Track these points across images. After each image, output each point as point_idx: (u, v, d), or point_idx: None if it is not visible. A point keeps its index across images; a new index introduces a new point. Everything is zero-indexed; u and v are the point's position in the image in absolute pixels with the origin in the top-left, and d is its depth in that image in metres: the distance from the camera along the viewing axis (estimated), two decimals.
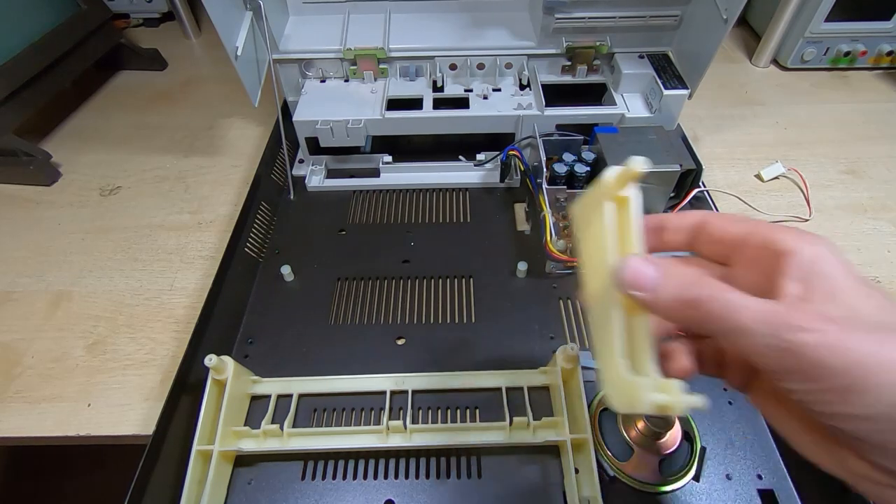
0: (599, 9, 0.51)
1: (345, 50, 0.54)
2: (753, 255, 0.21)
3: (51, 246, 0.53)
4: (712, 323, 0.18)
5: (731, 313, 0.17)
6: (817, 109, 0.68)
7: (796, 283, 0.18)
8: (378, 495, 0.36)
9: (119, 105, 0.72)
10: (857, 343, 0.16)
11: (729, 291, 0.18)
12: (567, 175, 0.49)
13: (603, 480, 0.36)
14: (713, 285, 0.18)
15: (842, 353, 0.16)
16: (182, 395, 0.38)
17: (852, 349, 0.16)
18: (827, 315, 0.17)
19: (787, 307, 0.17)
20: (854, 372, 0.16)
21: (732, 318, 0.17)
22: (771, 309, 0.17)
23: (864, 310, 0.18)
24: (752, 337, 0.17)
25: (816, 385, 0.16)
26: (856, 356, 0.16)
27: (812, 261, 0.19)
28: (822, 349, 0.16)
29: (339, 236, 0.53)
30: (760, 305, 0.17)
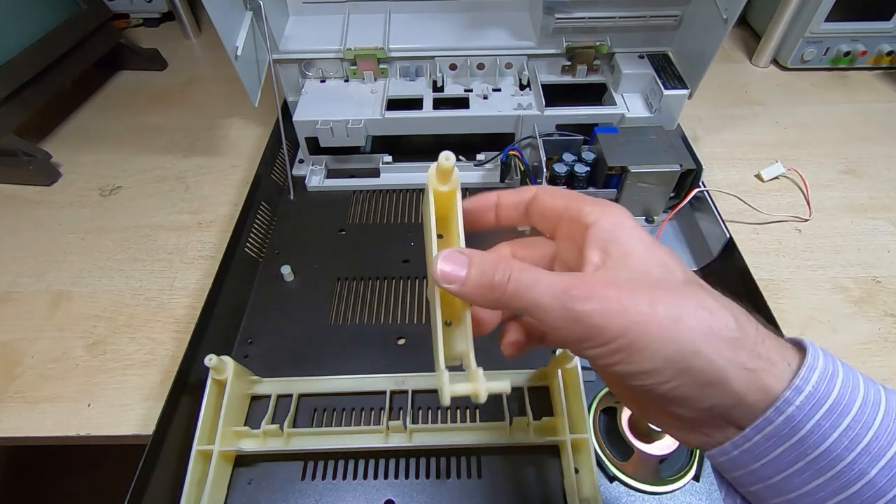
0: (599, 9, 0.51)
1: (345, 50, 0.54)
2: (568, 228, 0.22)
3: (51, 246, 0.53)
4: (513, 302, 0.19)
5: (526, 291, 0.18)
6: (817, 109, 0.68)
7: (597, 252, 0.20)
8: (378, 495, 0.36)
9: (119, 105, 0.72)
10: (634, 304, 0.17)
11: (524, 271, 0.19)
12: (567, 175, 0.49)
13: (603, 480, 0.36)
14: (509, 266, 0.19)
15: (620, 314, 0.17)
16: (182, 395, 0.38)
17: (630, 310, 0.17)
18: (611, 281, 0.18)
19: (574, 279, 0.19)
20: (631, 331, 0.17)
21: (528, 296, 0.18)
22: (559, 282, 0.18)
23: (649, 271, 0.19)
24: (547, 311, 0.18)
25: (604, 348, 0.18)
26: (633, 316, 0.17)
27: (610, 230, 0.20)
28: (603, 314, 0.17)
29: (339, 236, 0.53)
30: (551, 280, 0.18)
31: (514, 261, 0.20)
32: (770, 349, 0.18)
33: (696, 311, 0.18)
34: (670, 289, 0.18)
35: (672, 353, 0.17)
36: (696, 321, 0.17)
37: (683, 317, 0.17)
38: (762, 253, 0.50)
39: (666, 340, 0.17)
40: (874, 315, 0.45)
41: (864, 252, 0.50)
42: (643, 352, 0.17)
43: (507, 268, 0.19)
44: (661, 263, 0.19)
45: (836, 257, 0.50)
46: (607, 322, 0.17)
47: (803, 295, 0.47)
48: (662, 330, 0.17)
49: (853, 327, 0.44)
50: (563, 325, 0.18)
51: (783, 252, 0.50)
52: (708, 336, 0.17)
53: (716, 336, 0.17)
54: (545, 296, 0.18)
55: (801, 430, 0.17)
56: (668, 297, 0.18)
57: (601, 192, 0.50)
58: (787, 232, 0.52)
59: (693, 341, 0.17)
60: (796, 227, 0.53)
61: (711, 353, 0.17)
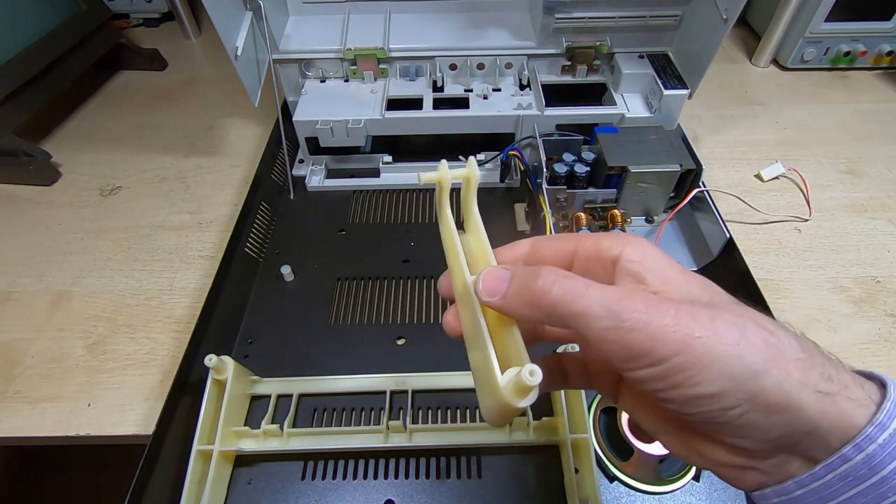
0: (599, 9, 0.51)
1: (345, 50, 0.54)
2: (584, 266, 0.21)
3: (51, 246, 0.53)
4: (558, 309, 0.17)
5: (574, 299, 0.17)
6: (817, 109, 0.68)
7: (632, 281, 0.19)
8: (378, 495, 0.36)
9: (119, 105, 0.72)
10: (693, 319, 0.16)
11: (570, 278, 0.18)
12: (567, 175, 0.49)
13: (603, 480, 0.36)
14: (554, 272, 0.18)
15: (679, 329, 0.16)
16: (182, 395, 0.38)
17: (689, 325, 0.16)
18: (663, 298, 0.17)
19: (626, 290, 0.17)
20: (693, 348, 0.15)
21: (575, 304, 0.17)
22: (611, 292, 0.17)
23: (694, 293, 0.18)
24: (595, 321, 0.17)
25: (659, 368, 0.16)
26: (693, 330, 0.16)
27: (639, 259, 0.19)
28: (661, 328, 0.16)
29: (339, 236, 0.53)
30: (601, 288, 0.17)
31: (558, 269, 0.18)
32: (839, 369, 0.16)
33: (758, 329, 0.16)
34: (725, 307, 0.17)
35: (739, 373, 0.15)
36: (761, 339, 0.16)
37: (747, 334, 0.16)
38: (762, 253, 0.50)
39: (731, 359, 0.15)
40: (874, 315, 0.45)
41: (864, 252, 0.50)
42: (705, 372, 0.15)
43: (551, 273, 0.18)
44: (703, 286, 0.18)
45: (836, 257, 0.50)
46: (665, 336, 0.16)
47: (803, 295, 0.47)
48: (728, 348, 0.15)
49: (853, 327, 0.44)
50: (613, 337, 0.16)
51: (783, 252, 0.50)
52: (775, 356, 0.16)
53: (782, 356, 0.16)
54: (594, 304, 0.17)
55: (881, 470, 0.15)
56: (726, 314, 0.16)
57: (601, 191, 0.50)
58: (787, 232, 0.52)
59: (761, 361, 0.15)
60: (796, 227, 0.53)
61: (781, 374, 0.15)
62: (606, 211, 0.50)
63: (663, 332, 0.16)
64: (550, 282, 0.17)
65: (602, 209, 0.51)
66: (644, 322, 0.16)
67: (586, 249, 0.21)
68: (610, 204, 0.50)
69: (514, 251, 0.22)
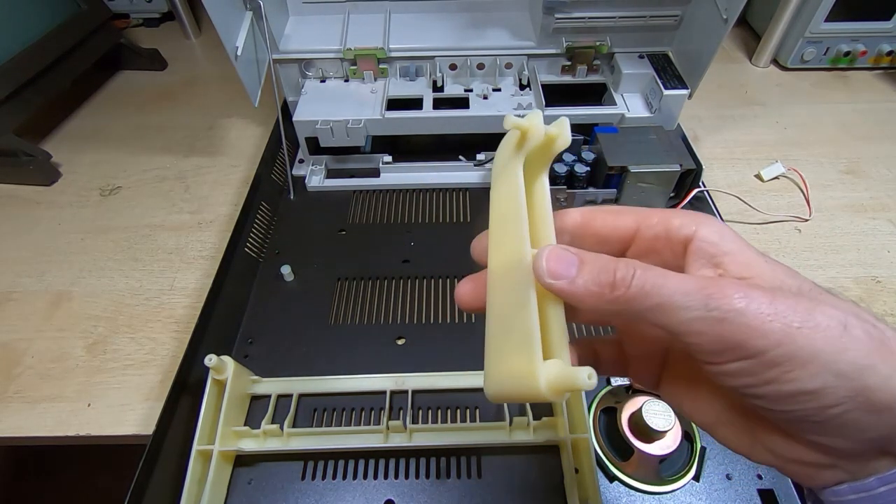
0: (599, 9, 0.51)
1: (345, 50, 0.54)
2: (649, 246, 0.19)
3: (51, 246, 0.53)
4: (636, 302, 0.16)
5: (655, 289, 0.15)
6: (817, 109, 0.68)
7: (708, 267, 0.17)
8: (378, 495, 0.36)
9: (119, 105, 0.72)
10: (791, 309, 0.14)
11: (649, 268, 0.16)
12: (567, 175, 0.49)
13: (603, 480, 0.36)
14: (631, 263, 0.16)
15: (778, 319, 0.14)
16: (182, 395, 0.38)
17: (788, 315, 0.14)
18: (753, 284, 0.16)
19: (711, 278, 0.16)
20: (795, 340, 0.14)
21: (658, 294, 0.15)
22: (696, 280, 0.15)
23: (783, 280, 0.16)
24: (684, 311, 0.15)
25: (754, 361, 0.15)
26: (794, 322, 0.14)
27: (716, 241, 0.17)
28: (758, 315, 0.14)
29: (339, 236, 0.53)
30: (683, 278, 0.16)
31: (636, 261, 0.17)
32: None
33: (859, 321, 0.15)
34: (819, 298, 0.15)
35: (845, 368, 0.14)
36: (863, 332, 0.14)
37: (850, 327, 0.14)
38: None
39: (836, 353, 0.14)
40: None
41: (864, 252, 0.50)
42: (808, 366, 0.14)
43: (629, 264, 0.16)
44: (789, 273, 0.17)
45: (836, 257, 0.50)
46: (762, 326, 0.14)
47: None
48: (831, 341, 0.14)
49: None
50: (703, 328, 0.15)
51: (783, 252, 0.50)
52: (880, 350, 0.14)
53: (888, 349, 0.14)
54: (677, 293, 0.15)
55: None
56: (823, 306, 0.15)
57: (601, 192, 0.50)
58: (787, 232, 0.52)
59: (867, 354, 0.14)
60: (796, 227, 0.53)
61: (888, 369, 0.14)
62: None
63: (760, 321, 0.14)
64: (630, 273, 0.16)
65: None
66: (738, 311, 0.14)
67: (651, 228, 0.19)
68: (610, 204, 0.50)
69: (561, 221, 0.20)
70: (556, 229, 0.20)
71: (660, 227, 0.19)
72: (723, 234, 0.18)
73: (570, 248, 0.17)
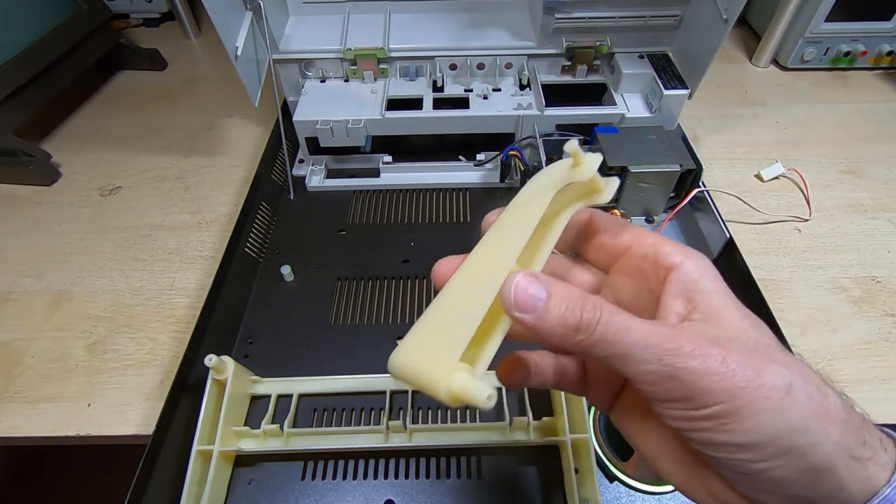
0: (599, 9, 0.51)
1: (345, 50, 0.54)
2: (637, 264, 0.20)
3: (51, 246, 0.53)
4: (597, 348, 0.16)
5: (617, 338, 0.16)
6: (817, 109, 0.68)
7: (680, 301, 0.18)
8: (378, 495, 0.36)
9: (119, 105, 0.72)
10: (741, 368, 0.15)
11: (615, 313, 0.16)
12: None
13: (603, 480, 0.36)
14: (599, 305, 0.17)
15: (726, 378, 0.15)
16: (182, 395, 0.38)
17: (737, 374, 0.15)
18: (710, 337, 0.16)
19: (671, 330, 0.16)
20: (738, 398, 0.15)
21: (618, 344, 0.16)
22: (656, 332, 0.16)
23: (745, 331, 0.17)
24: (638, 364, 0.16)
25: (698, 412, 0.16)
26: (739, 381, 0.15)
27: (696, 278, 0.18)
28: (707, 375, 0.15)
29: (339, 236, 0.53)
30: (644, 328, 0.16)
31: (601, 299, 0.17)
32: (872, 433, 0.16)
33: (804, 384, 0.16)
34: (772, 356, 0.16)
35: (779, 428, 0.15)
36: (806, 396, 0.15)
37: (793, 389, 0.15)
38: (762, 253, 0.50)
39: (775, 413, 0.15)
40: (874, 315, 0.45)
41: (864, 252, 0.50)
42: (745, 422, 0.15)
43: (595, 306, 0.16)
44: (753, 324, 0.17)
45: (836, 257, 0.50)
46: (710, 384, 0.15)
47: (803, 295, 0.47)
48: (772, 402, 0.15)
49: (853, 327, 0.44)
50: (655, 381, 0.16)
51: (783, 252, 0.50)
52: (817, 415, 0.15)
53: (825, 416, 0.15)
54: (638, 346, 0.16)
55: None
56: (774, 366, 0.16)
57: None
58: (787, 232, 0.52)
59: (802, 418, 0.15)
60: (796, 227, 0.53)
61: (820, 434, 0.15)
62: (607, 211, 0.50)
63: (708, 380, 0.15)
64: (596, 318, 0.16)
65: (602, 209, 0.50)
66: (689, 370, 0.15)
67: (643, 247, 0.20)
68: (610, 204, 0.50)
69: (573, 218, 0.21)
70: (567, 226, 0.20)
71: (651, 249, 0.20)
72: (704, 273, 0.18)
73: (541, 278, 0.17)
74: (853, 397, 0.18)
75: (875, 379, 0.41)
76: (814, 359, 0.42)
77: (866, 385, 0.40)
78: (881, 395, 0.40)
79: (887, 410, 0.39)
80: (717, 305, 0.18)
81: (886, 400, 0.40)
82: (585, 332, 0.16)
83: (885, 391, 0.40)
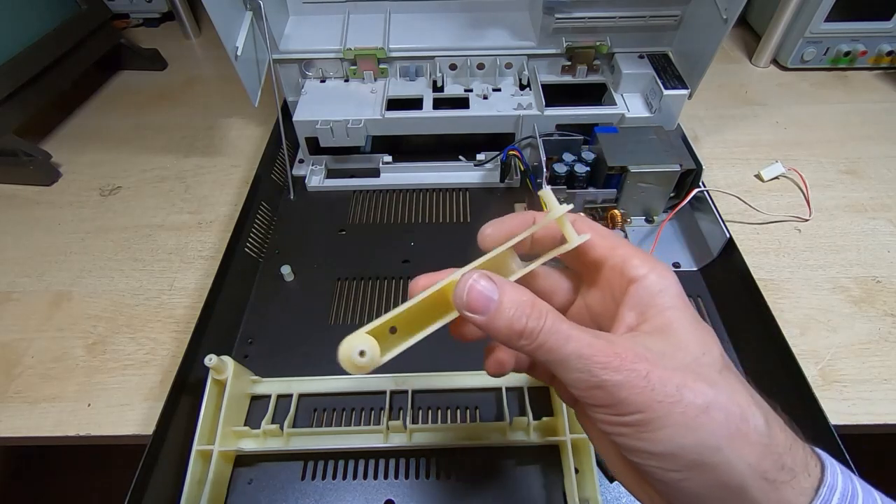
0: (599, 9, 0.51)
1: (345, 50, 0.54)
2: (608, 275, 0.21)
3: (51, 246, 0.53)
4: (538, 353, 0.18)
5: (556, 347, 0.17)
6: (817, 109, 0.68)
7: (633, 313, 0.19)
8: (378, 495, 0.36)
9: (119, 105, 0.72)
10: (661, 384, 0.16)
11: (558, 321, 0.18)
12: (567, 175, 0.49)
13: (603, 480, 0.36)
14: (543, 313, 0.18)
15: (645, 392, 0.16)
16: (182, 395, 0.38)
17: (656, 389, 0.16)
18: (643, 353, 0.17)
19: (607, 344, 0.17)
20: (653, 410, 0.16)
21: (557, 352, 0.17)
22: (591, 344, 0.17)
23: (686, 349, 0.18)
24: (570, 372, 0.17)
25: (618, 418, 0.17)
26: (657, 396, 0.16)
27: (654, 293, 0.19)
28: (628, 388, 0.16)
29: (339, 236, 0.53)
30: (581, 340, 0.17)
31: (548, 307, 0.18)
32: (796, 458, 0.17)
33: (728, 405, 0.17)
34: (704, 374, 0.17)
35: (690, 443, 0.16)
36: (725, 416, 0.16)
37: (712, 408, 0.16)
38: (762, 253, 0.50)
39: (687, 429, 0.16)
40: (874, 315, 0.45)
41: (864, 252, 0.50)
42: (658, 433, 0.16)
43: (540, 315, 0.18)
44: (701, 342, 0.18)
45: (836, 257, 0.50)
46: (630, 396, 0.16)
47: (803, 295, 0.47)
48: (686, 417, 0.16)
49: (853, 327, 0.44)
50: (583, 388, 0.17)
51: (783, 252, 0.50)
52: (733, 435, 0.16)
53: (742, 437, 0.16)
54: (573, 356, 0.17)
55: None
56: (698, 384, 0.17)
57: (601, 192, 0.50)
58: (787, 232, 0.52)
59: (715, 437, 0.16)
60: (796, 227, 0.53)
61: (733, 455, 0.16)
62: (606, 211, 0.50)
63: (628, 392, 0.16)
64: (539, 325, 0.17)
65: (602, 209, 0.51)
66: (614, 383, 0.17)
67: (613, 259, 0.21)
68: (610, 204, 0.50)
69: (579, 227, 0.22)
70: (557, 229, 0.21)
71: (619, 261, 0.20)
72: (665, 288, 0.19)
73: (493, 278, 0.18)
74: (853, 397, 0.18)
75: (875, 379, 0.41)
76: (814, 359, 0.42)
77: (866, 385, 0.40)
78: (881, 395, 0.40)
79: (887, 410, 0.39)
80: (668, 320, 0.18)
81: (886, 400, 0.39)
82: (528, 339, 0.18)
83: (885, 391, 0.40)
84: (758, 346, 0.41)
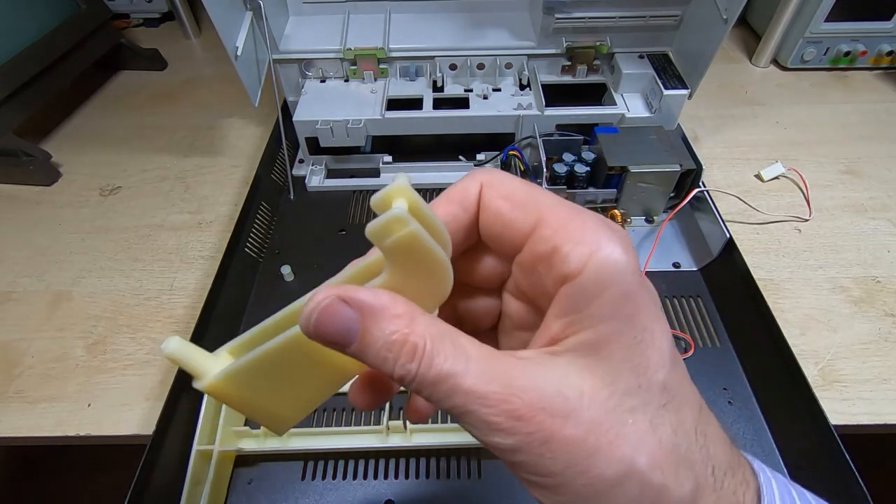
0: (599, 9, 0.51)
1: (345, 50, 0.54)
2: (531, 265, 0.16)
3: (51, 246, 0.53)
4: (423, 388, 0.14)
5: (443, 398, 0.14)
6: (817, 109, 0.68)
7: (560, 322, 0.15)
8: (378, 495, 0.36)
9: (119, 105, 0.72)
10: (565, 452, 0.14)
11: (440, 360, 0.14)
12: (567, 175, 0.49)
13: None
14: (427, 334, 0.14)
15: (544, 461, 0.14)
16: (182, 395, 0.38)
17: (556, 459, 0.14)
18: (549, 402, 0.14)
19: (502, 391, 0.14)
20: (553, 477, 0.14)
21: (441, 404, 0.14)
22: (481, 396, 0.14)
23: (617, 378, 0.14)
24: (463, 424, 0.14)
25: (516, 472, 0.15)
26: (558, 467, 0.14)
27: (588, 297, 0.14)
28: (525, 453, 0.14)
29: (339, 236, 0.53)
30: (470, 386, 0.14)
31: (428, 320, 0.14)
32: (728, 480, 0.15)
33: (647, 474, 0.14)
34: (630, 423, 0.14)
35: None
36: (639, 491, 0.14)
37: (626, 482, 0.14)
38: (762, 253, 0.50)
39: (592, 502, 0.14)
40: (874, 315, 0.45)
41: (864, 252, 0.50)
42: (560, 497, 0.14)
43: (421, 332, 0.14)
44: (640, 366, 0.14)
45: (836, 257, 0.50)
46: (528, 460, 0.14)
47: (803, 295, 0.47)
48: (592, 490, 0.14)
49: (853, 327, 0.44)
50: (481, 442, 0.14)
51: (783, 252, 0.50)
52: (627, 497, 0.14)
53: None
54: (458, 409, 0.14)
55: None
56: (616, 447, 0.14)
57: (601, 192, 0.50)
58: (787, 232, 0.52)
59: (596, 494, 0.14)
60: (796, 227, 0.53)
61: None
62: (607, 211, 0.50)
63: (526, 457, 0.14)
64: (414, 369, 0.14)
65: (602, 209, 0.51)
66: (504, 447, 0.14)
67: (543, 240, 0.15)
68: (610, 204, 0.50)
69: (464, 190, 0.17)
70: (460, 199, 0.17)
71: (548, 245, 0.15)
72: (605, 289, 0.15)
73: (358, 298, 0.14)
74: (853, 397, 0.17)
75: (875, 379, 0.41)
76: (814, 359, 0.42)
77: (866, 385, 0.40)
78: (881, 395, 0.40)
79: (887, 410, 0.39)
80: (601, 336, 0.14)
81: (886, 400, 0.40)
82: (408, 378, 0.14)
83: (885, 391, 0.40)
84: (758, 346, 0.41)
